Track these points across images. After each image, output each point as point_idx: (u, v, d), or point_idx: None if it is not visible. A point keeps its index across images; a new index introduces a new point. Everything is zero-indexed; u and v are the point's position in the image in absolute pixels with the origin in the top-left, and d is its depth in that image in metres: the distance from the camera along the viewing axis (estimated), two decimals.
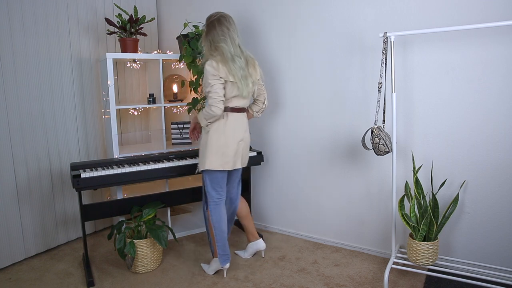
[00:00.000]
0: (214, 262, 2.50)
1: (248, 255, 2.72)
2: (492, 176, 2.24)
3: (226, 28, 2.28)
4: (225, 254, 2.43)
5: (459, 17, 2.21)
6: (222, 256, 2.43)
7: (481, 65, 2.19)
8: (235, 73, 2.23)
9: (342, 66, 2.68)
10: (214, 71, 2.21)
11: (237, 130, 2.35)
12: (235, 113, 2.35)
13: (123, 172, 2.58)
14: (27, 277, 2.54)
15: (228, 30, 2.28)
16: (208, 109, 2.25)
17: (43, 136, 2.84)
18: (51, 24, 2.85)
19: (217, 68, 2.21)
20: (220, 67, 2.22)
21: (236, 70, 2.23)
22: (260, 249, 2.70)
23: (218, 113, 2.24)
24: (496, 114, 2.18)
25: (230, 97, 2.30)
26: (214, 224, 2.42)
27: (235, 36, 2.30)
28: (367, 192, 2.70)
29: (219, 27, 2.27)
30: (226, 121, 2.32)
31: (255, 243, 2.69)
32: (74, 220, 3.08)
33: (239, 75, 2.24)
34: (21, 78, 2.67)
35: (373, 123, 2.43)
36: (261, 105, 2.52)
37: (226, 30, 2.27)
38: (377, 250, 2.71)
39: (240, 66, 2.25)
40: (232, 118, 2.34)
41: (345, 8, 2.62)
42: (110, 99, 2.88)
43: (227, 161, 2.33)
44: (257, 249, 2.69)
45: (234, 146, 2.34)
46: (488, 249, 2.30)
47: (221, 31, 2.27)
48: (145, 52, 3.35)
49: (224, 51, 2.23)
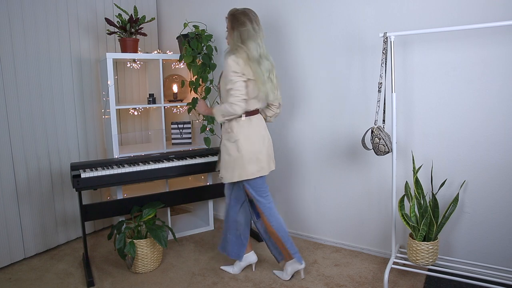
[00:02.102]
0: (289, 265, 2.38)
1: (239, 269, 2.56)
2: (492, 176, 2.24)
3: (257, 26, 2.19)
4: (298, 251, 2.36)
5: (459, 17, 2.21)
6: (297, 254, 2.35)
7: (481, 65, 2.19)
8: (260, 75, 2.14)
9: (342, 66, 2.68)
10: (238, 67, 2.12)
11: (262, 132, 2.30)
12: (256, 115, 2.30)
13: (123, 172, 2.59)
14: (27, 277, 2.54)
15: (259, 30, 2.20)
16: (228, 106, 2.15)
17: (43, 136, 2.83)
18: (51, 24, 2.85)
19: (241, 65, 2.12)
20: (244, 65, 2.13)
21: (262, 71, 2.15)
22: (251, 262, 2.54)
23: (239, 112, 2.16)
24: (496, 114, 2.18)
25: (250, 98, 2.21)
26: (277, 228, 2.33)
27: (262, 38, 2.22)
28: (367, 192, 2.70)
29: (250, 24, 2.17)
30: (250, 125, 2.25)
31: (247, 255, 2.52)
32: (74, 220, 3.08)
33: (264, 78, 2.16)
34: (21, 78, 2.67)
35: (373, 123, 2.43)
36: (276, 110, 2.44)
37: (258, 28, 2.19)
38: (377, 250, 2.71)
39: (266, 68, 2.18)
40: (255, 120, 2.28)
41: (345, 8, 2.62)
42: (110, 99, 2.88)
43: (263, 166, 2.28)
44: (250, 261, 2.54)
45: (264, 150, 2.29)
46: (488, 249, 2.30)
47: (252, 29, 2.17)
48: (145, 52, 3.35)
49: (253, 49, 2.14)
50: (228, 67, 2.13)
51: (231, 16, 2.23)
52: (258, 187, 2.33)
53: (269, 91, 2.21)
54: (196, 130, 3.41)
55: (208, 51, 3.03)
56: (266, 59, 2.20)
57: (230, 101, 2.14)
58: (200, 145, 3.29)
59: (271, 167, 2.35)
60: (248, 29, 2.16)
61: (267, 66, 2.19)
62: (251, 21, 2.18)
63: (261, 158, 2.27)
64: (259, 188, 2.33)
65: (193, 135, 3.45)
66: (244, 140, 2.23)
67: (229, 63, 2.13)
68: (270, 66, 2.22)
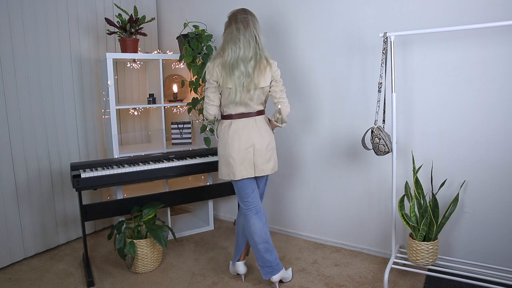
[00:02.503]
0: (239, 266, 2.41)
1: (232, 272, 2.51)
2: (492, 176, 2.24)
3: (243, 27, 2.09)
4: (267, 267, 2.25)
5: (459, 17, 2.21)
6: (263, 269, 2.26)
7: (481, 65, 2.19)
8: (233, 80, 2.09)
9: (342, 66, 2.68)
10: (208, 74, 2.16)
11: (244, 137, 2.18)
12: (242, 119, 2.19)
13: (123, 172, 2.59)
14: (27, 277, 2.54)
15: (245, 30, 2.09)
16: (204, 111, 2.26)
17: (43, 136, 2.83)
18: (51, 24, 2.85)
19: (211, 72, 2.15)
20: (215, 71, 2.13)
21: (234, 76, 2.08)
22: (239, 272, 2.43)
23: (209, 117, 2.24)
24: (496, 114, 2.18)
25: (228, 103, 2.18)
26: (249, 236, 2.27)
27: (252, 37, 2.10)
28: (367, 192, 2.70)
29: (235, 24, 2.11)
30: (229, 129, 2.20)
31: (237, 264, 2.43)
32: (74, 220, 3.08)
33: (237, 82, 2.09)
34: (21, 78, 2.67)
35: (373, 123, 2.43)
36: (277, 114, 2.23)
37: (243, 29, 2.09)
38: (377, 250, 2.71)
39: (242, 72, 2.08)
40: (236, 125, 2.19)
41: (345, 8, 2.62)
42: (110, 99, 2.88)
43: (234, 171, 2.19)
44: (237, 271, 2.44)
45: (238, 155, 2.17)
46: (488, 249, 2.30)
47: (235, 29, 2.10)
48: (145, 52, 3.35)
49: (228, 54, 2.08)
50: (205, 72, 2.20)
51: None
52: (238, 190, 2.28)
53: (237, 94, 2.11)
54: (196, 130, 3.41)
55: (208, 51, 3.03)
56: (247, 62, 2.09)
57: (204, 106, 2.25)
58: (200, 145, 3.29)
59: (249, 173, 2.21)
60: (230, 30, 2.12)
61: (244, 69, 2.08)
62: (236, 21, 2.12)
63: (232, 163, 2.19)
64: (239, 191, 2.28)
65: (193, 135, 3.45)
66: (220, 141, 2.28)
67: (206, 68, 2.20)
68: (250, 69, 2.09)
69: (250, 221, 2.26)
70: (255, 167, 2.22)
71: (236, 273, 2.46)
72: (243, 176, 2.21)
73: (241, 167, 2.20)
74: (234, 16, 2.16)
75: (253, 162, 2.21)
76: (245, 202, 2.29)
